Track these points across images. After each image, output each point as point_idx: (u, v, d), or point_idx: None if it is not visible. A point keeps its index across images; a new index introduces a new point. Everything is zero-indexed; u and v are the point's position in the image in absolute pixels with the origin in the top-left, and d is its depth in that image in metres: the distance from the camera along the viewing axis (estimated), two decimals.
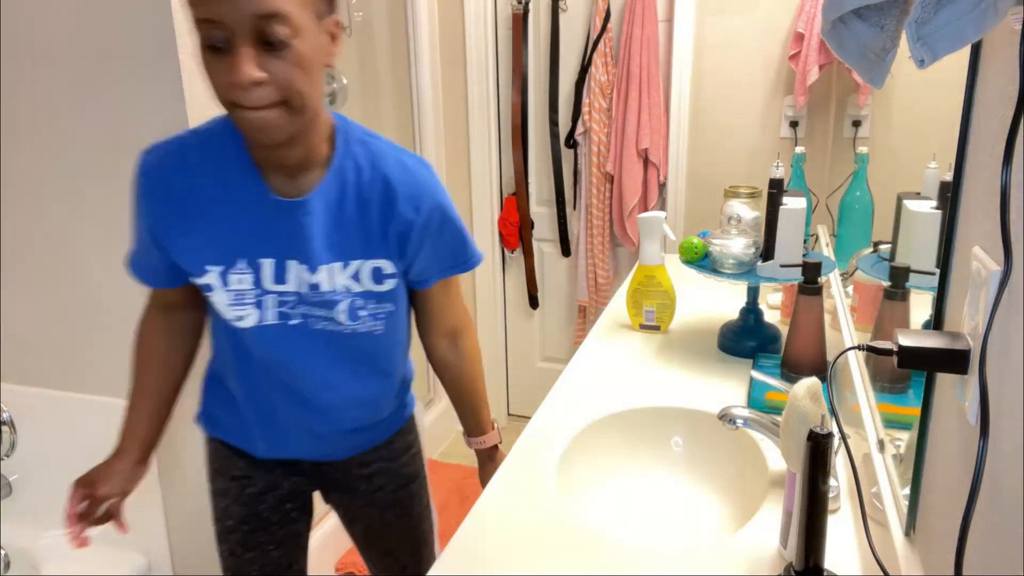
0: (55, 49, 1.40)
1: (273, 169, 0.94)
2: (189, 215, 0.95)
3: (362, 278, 1.00)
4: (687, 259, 1.48)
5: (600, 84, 2.68)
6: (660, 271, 1.58)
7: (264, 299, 0.99)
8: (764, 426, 1.02)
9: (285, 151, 0.91)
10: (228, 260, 0.97)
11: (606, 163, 2.73)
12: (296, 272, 0.97)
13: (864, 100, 1.88)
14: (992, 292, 0.53)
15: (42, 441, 1.68)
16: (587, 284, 2.86)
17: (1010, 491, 0.49)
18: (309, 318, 1.00)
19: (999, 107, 0.56)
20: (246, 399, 1.09)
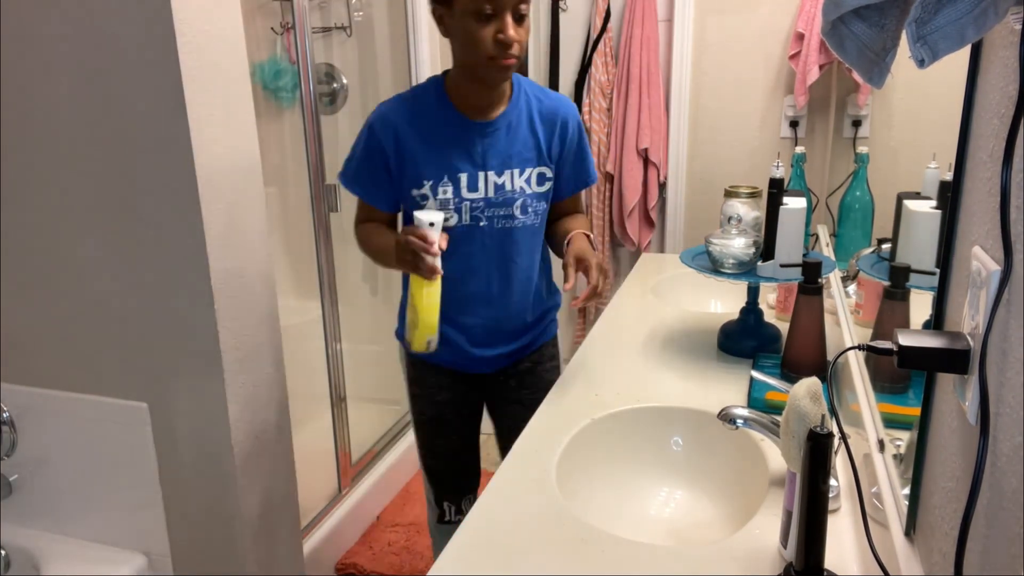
0: (55, 49, 1.40)
1: (470, 108, 1.33)
2: (411, 145, 1.33)
3: (531, 181, 1.38)
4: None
5: (600, 84, 2.68)
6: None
7: (461, 205, 1.34)
8: (764, 426, 1.02)
9: (490, 92, 1.32)
10: (438, 176, 1.33)
11: (606, 163, 2.73)
12: (484, 180, 1.34)
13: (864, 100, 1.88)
14: (992, 292, 0.53)
15: (42, 441, 1.68)
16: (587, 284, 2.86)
17: (1010, 491, 0.49)
18: (493, 218, 1.36)
19: (999, 107, 0.56)
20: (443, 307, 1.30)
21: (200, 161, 1.37)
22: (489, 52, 1.20)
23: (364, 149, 1.35)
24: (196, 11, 1.34)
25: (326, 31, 2.64)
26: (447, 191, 1.33)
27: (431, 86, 1.36)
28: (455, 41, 1.26)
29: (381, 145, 1.33)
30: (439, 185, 1.33)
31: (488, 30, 1.18)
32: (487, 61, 1.21)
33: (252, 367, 1.52)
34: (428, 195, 1.33)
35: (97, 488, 1.65)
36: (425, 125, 1.33)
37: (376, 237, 1.39)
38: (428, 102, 1.34)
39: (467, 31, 1.19)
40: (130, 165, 1.41)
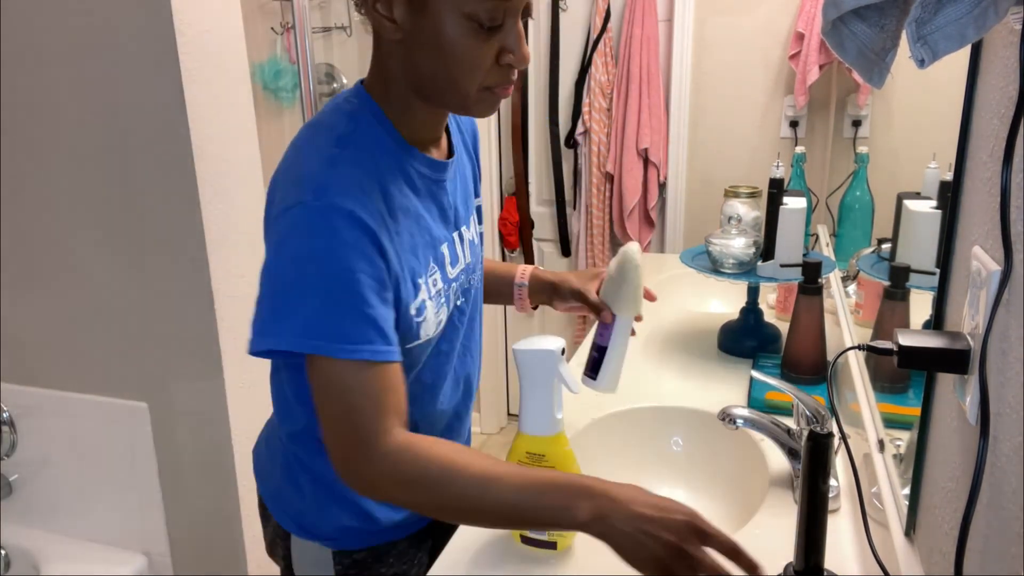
0: (55, 48, 1.40)
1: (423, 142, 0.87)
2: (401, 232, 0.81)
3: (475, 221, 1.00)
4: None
5: (600, 84, 2.68)
6: (555, 445, 0.89)
7: (449, 291, 0.90)
8: (764, 426, 1.02)
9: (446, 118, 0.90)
10: (425, 262, 0.85)
11: (606, 163, 2.73)
12: (460, 243, 0.93)
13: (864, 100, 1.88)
14: (992, 292, 0.53)
15: (42, 441, 1.68)
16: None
17: (1010, 491, 0.49)
18: (468, 289, 0.96)
19: (999, 107, 0.56)
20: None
21: (200, 161, 1.37)
22: (489, 78, 0.78)
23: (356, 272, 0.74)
24: (196, 11, 1.33)
25: (326, 31, 2.64)
26: (437, 281, 0.87)
27: (369, 118, 0.83)
28: (422, 53, 0.77)
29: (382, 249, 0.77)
30: (429, 277, 0.85)
31: (490, 46, 0.75)
32: (479, 92, 0.78)
33: (252, 367, 1.52)
34: (425, 300, 0.84)
35: (97, 488, 1.65)
36: (398, 188, 0.82)
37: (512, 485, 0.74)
38: (385, 147, 0.82)
39: (456, 43, 0.74)
40: (130, 165, 1.41)
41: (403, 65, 0.80)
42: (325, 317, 0.74)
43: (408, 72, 0.80)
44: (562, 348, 0.84)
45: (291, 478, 0.96)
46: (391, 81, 0.82)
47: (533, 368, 0.84)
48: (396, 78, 0.81)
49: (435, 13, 0.74)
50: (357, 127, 0.81)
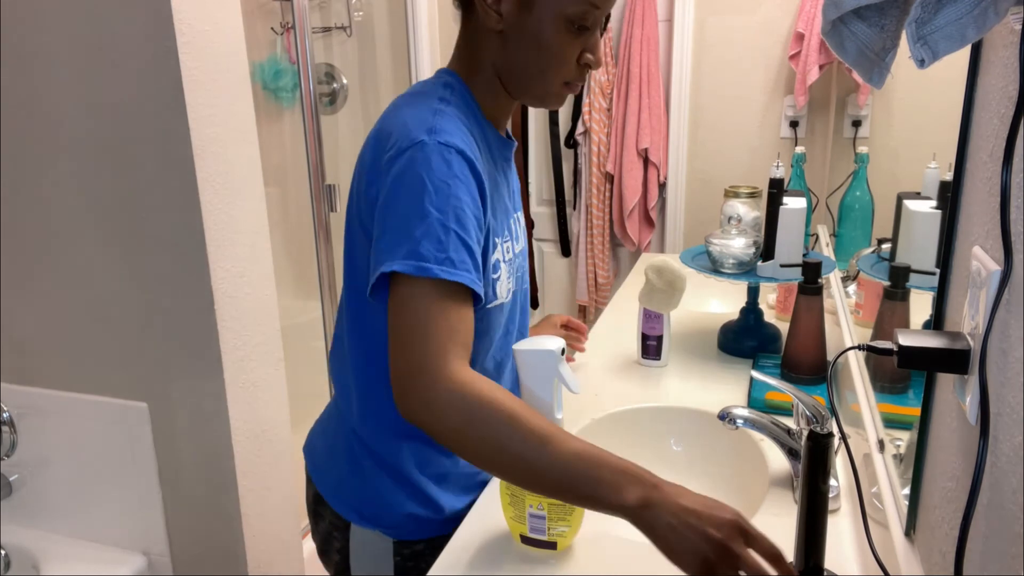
0: (55, 48, 1.40)
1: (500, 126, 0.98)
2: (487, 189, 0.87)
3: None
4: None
5: (600, 84, 2.68)
6: None
7: (513, 265, 0.97)
8: (764, 426, 1.02)
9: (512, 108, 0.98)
10: (502, 227, 0.93)
11: (606, 163, 2.73)
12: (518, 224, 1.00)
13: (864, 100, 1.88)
14: (992, 292, 0.53)
15: (42, 441, 1.68)
16: (587, 284, 2.86)
17: (1010, 491, 0.49)
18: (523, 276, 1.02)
19: (999, 107, 0.56)
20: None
21: (200, 161, 1.37)
22: (570, 74, 0.88)
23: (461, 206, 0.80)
24: (196, 11, 1.33)
25: (326, 31, 2.64)
26: (508, 247, 0.94)
27: (462, 90, 0.92)
28: (519, 45, 0.87)
29: (483, 190, 0.85)
30: (503, 242, 0.92)
31: (577, 46, 0.87)
32: (559, 87, 0.89)
33: (252, 367, 1.52)
34: (500, 261, 0.91)
35: (97, 488, 1.65)
36: (487, 155, 0.92)
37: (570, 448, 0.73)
38: (474, 114, 0.92)
39: (552, 40, 0.85)
40: (130, 165, 1.41)
41: (496, 54, 0.89)
42: (435, 240, 0.77)
43: (500, 60, 0.89)
44: (562, 348, 0.85)
45: (355, 465, 0.98)
46: (479, 67, 0.91)
47: (533, 368, 0.84)
48: (485, 65, 0.91)
49: (540, 11, 0.84)
50: (453, 92, 0.90)
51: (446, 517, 0.99)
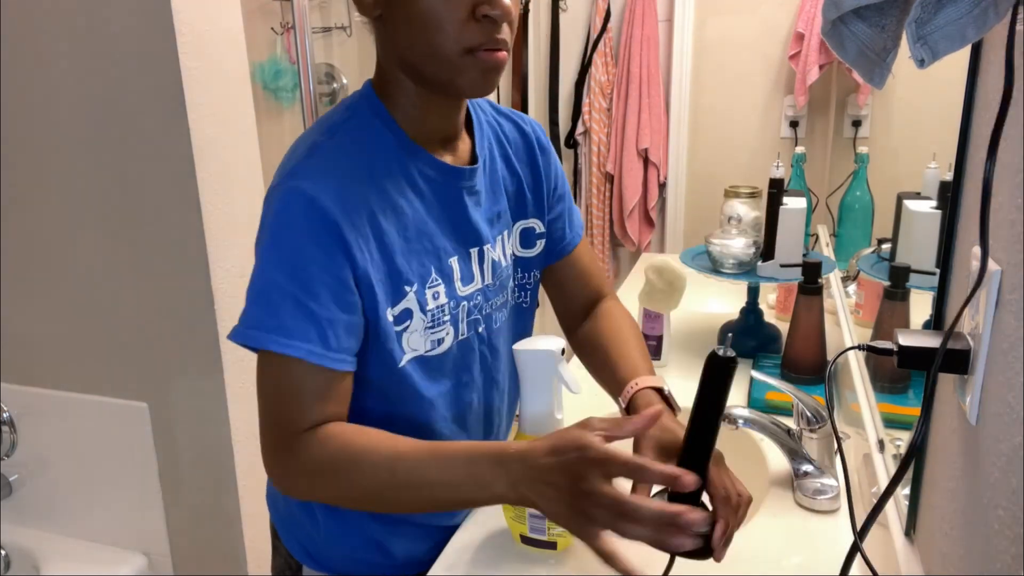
0: (55, 49, 1.40)
1: (433, 142, 0.82)
2: (386, 234, 0.76)
3: (517, 242, 0.93)
4: None
5: (600, 84, 2.68)
6: None
7: (458, 310, 0.84)
8: (764, 426, 1.02)
9: (458, 112, 0.82)
10: (423, 271, 0.80)
11: (606, 163, 2.73)
12: (479, 261, 0.86)
13: (864, 100, 1.88)
14: (992, 292, 0.53)
15: (42, 441, 1.68)
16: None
17: (1010, 491, 0.49)
18: (491, 315, 0.89)
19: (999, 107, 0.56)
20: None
21: (200, 161, 1.37)
22: (469, 36, 0.70)
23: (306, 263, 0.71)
24: (196, 11, 1.33)
25: (326, 31, 2.64)
26: (438, 294, 0.81)
27: (367, 112, 0.79)
28: (401, 20, 0.72)
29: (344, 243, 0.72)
30: (427, 288, 0.80)
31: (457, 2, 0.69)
32: (461, 57, 0.71)
33: (252, 367, 1.52)
34: (411, 310, 0.79)
35: (97, 488, 1.65)
36: (395, 186, 0.78)
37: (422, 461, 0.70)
38: (383, 142, 0.78)
39: (431, 13, 0.69)
40: (130, 165, 1.41)
41: (390, 45, 0.76)
42: (268, 305, 0.72)
43: (395, 50, 0.76)
44: (562, 348, 0.84)
45: (305, 507, 0.92)
46: (388, 71, 0.79)
47: (533, 368, 0.83)
48: (390, 65, 0.78)
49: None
50: (351, 117, 0.79)
51: (401, 563, 0.93)
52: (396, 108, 0.79)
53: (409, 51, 0.74)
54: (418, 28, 0.71)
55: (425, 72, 0.75)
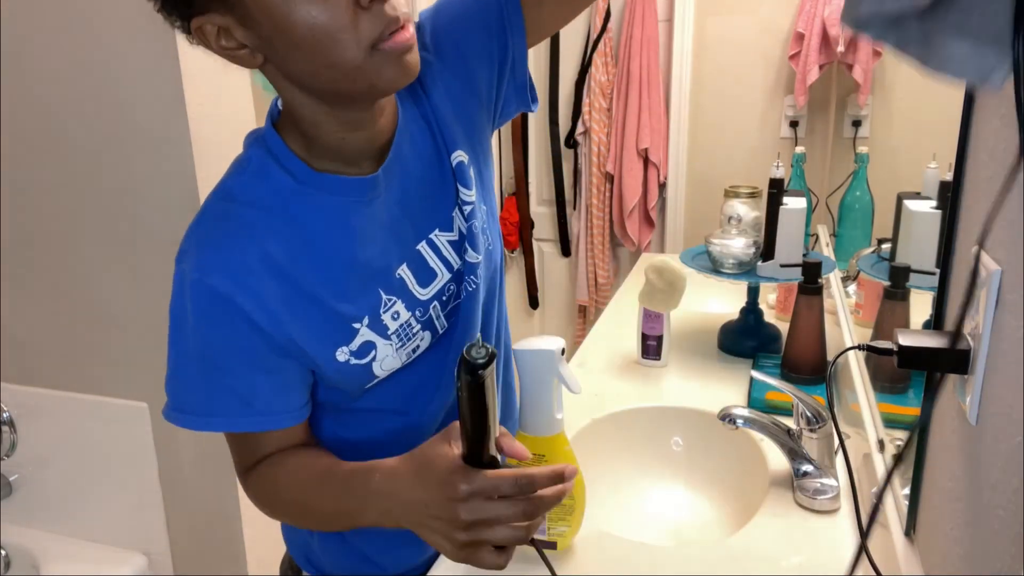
0: (56, 49, 1.40)
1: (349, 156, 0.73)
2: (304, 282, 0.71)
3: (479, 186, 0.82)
4: None
5: (600, 84, 2.68)
6: (555, 445, 0.86)
7: (428, 313, 0.79)
8: (764, 426, 1.02)
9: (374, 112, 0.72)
10: (369, 302, 0.75)
11: (606, 163, 2.73)
12: (432, 252, 0.79)
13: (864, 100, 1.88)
14: (992, 292, 0.53)
15: (42, 441, 1.68)
16: (587, 284, 2.86)
17: (1010, 491, 0.49)
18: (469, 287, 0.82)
19: (999, 107, 0.56)
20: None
21: (200, 161, 1.37)
22: (364, 35, 0.62)
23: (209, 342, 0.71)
24: None
25: None
26: (397, 313, 0.77)
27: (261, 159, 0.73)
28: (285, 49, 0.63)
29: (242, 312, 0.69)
30: (381, 314, 0.76)
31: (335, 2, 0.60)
32: (367, 57, 0.63)
33: None
34: (372, 342, 0.75)
35: (97, 488, 1.65)
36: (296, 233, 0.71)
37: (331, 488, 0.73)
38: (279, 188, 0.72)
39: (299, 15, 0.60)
40: (130, 165, 1.41)
41: (287, 80, 0.68)
42: (185, 386, 0.73)
43: (295, 83, 0.68)
44: (562, 348, 0.84)
45: None
46: (291, 105, 0.70)
47: (533, 368, 0.83)
48: (295, 99, 0.69)
49: (261, 7, 0.61)
50: (244, 171, 0.74)
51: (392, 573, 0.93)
52: (300, 140, 0.72)
53: (312, 78, 0.65)
54: (310, 51, 0.62)
55: (339, 90, 0.66)
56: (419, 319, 0.79)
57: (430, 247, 0.80)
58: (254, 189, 0.72)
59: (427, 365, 0.82)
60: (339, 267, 0.73)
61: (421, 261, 0.79)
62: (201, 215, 0.74)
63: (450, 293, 0.82)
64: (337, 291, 0.73)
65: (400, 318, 0.77)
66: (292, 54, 0.63)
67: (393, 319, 0.77)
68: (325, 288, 0.73)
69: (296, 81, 0.67)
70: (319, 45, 0.61)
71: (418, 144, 0.78)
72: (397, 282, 0.77)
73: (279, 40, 0.62)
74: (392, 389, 0.81)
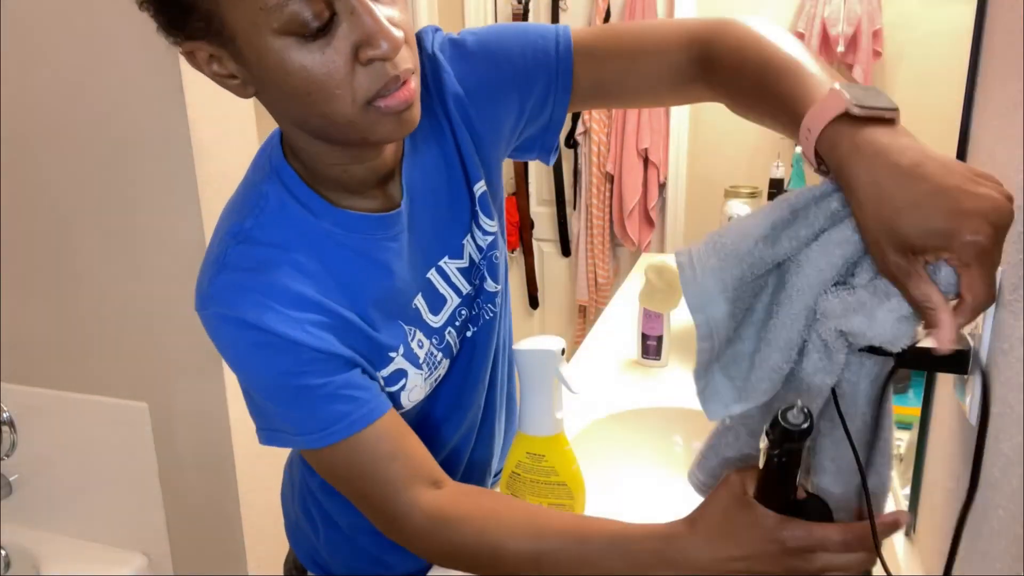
0: (56, 49, 1.40)
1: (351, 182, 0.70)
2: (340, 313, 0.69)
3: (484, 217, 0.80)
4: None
5: None
6: (555, 445, 0.87)
7: (445, 339, 0.79)
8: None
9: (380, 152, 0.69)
10: (402, 332, 0.74)
11: (606, 163, 2.73)
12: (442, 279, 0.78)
13: None
14: None
15: (42, 441, 1.68)
16: (587, 284, 2.86)
17: (1010, 491, 0.49)
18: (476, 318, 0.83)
19: (999, 107, 0.56)
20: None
21: (200, 161, 1.37)
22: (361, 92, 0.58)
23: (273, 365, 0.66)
24: None
25: None
26: (422, 342, 0.76)
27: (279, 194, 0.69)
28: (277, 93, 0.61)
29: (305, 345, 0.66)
30: (411, 343, 0.75)
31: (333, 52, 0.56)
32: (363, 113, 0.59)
33: None
34: (404, 370, 0.74)
35: (97, 488, 1.65)
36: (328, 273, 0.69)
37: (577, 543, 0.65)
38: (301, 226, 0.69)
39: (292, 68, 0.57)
40: (130, 165, 1.41)
41: (280, 116, 0.66)
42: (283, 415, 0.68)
43: (287, 120, 0.66)
44: (562, 348, 0.84)
45: (307, 514, 0.92)
46: (288, 136, 0.69)
47: (533, 368, 0.83)
48: (290, 132, 0.67)
49: (254, 49, 0.57)
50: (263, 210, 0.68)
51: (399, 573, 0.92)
52: (309, 171, 0.69)
53: (302, 120, 0.63)
54: (303, 103, 0.59)
55: (330, 138, 0.64)
56: (438, 347, 0.78)
57: (439, 274, 0.78)
58: (276, 230, 0.68)
59: (445, 389, 0.82)
60: (367, 303, 0.71)
61: (432, 289, 0.78)
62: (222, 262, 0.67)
63: (463, 318, 0.81)
64: (378, 322, 0.72)
65: (424, 347, 0.76)
66: (281, 95, 0.61)
67: (419, 347, 0.76)
68: (369, 319, 0.71)
69: (287, 119, 0.65)
70: (312, 97, 0.58)
71: (429, 171, 0.75)
72: (414, 312, 0.76)
73: (269, 82, 0.59)
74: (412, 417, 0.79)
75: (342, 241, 0.69)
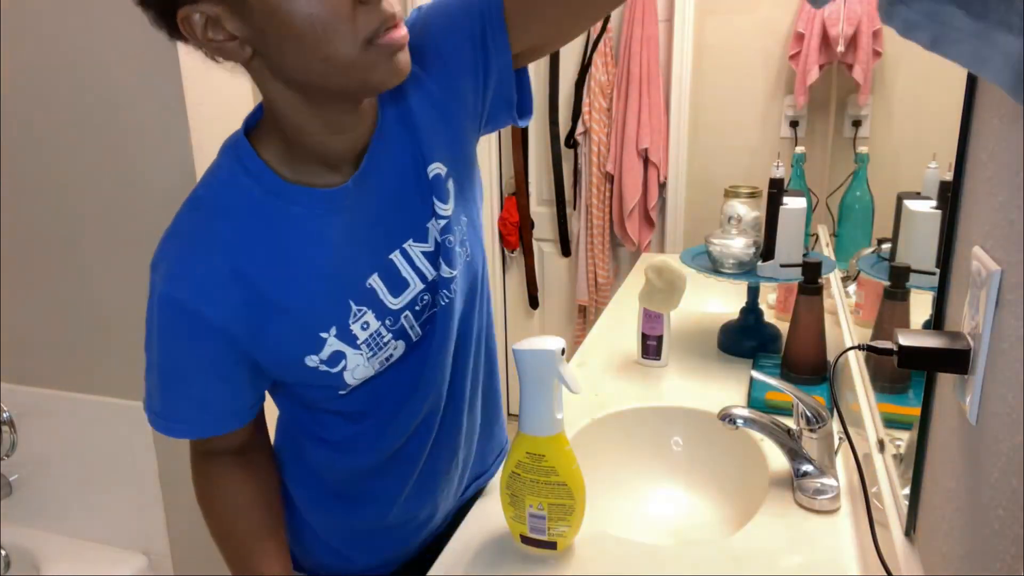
0: (56, 48, 1.40)
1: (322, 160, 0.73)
2: (271, 291, 0.72)
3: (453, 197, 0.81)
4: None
5: (600, 84, 2.68)
6: (555, 445, 0.87)
7: (399, 323, 0.80)
8: (764, 426, 1.02)
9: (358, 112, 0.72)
10: (337, 312, 0.76)
11: (606, 163, 2.73)
12: (405, 262, 0.79)
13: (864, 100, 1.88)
14: (992, 292, 0.53)
15: (42, 441, 1.68)
16: (587, 284, 2.86)
17: (1010, 491, 0.49)
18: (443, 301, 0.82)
19: (999, 107, 0.56)
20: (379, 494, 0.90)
21: (200, 161, 1.37)
22: (361, 30, 0.62)
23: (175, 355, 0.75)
24: None
25: None
26: (367, 324, 0.77)
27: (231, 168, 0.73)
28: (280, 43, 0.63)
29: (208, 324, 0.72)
30: (350, 325, 0.76)
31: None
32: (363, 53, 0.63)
33: None
34: (341, 352, 0.76)
35: (97, 488, 1.65)
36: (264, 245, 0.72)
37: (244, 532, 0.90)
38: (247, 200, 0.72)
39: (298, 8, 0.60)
40: (130, 165, 1.42)
41: (276, 77, 0.67)
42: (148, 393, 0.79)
43: (284, 79, 0.67)
44: (562, 348, 0.85)
45: (291, 508, 0.96)
46: (274, 106, 0.70)
47: (533, 368, 0.83)
48: (279, 99, 0.69)
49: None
50: (212, 182, 0.74)
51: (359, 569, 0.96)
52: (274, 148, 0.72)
53: (304, 73, 0.65)
54: (305, 44, 0.62)
55: (329, 85, 0.65)
56: (390, 328, 0.80)
57: (403, 257, 0.80)
58: (223, 198, 0.73)
59: (402, 372, 0.83)
60: (307, 277, 0.74)
61: (393, 271, 0.79)
62: (174, 225, 0.75)
63: (424, 303, 0.82)
64: (305, 301, 0.74)
65: (370, 328, 0.78)
66: (285, 46, 0.63)
67: (363, 329, 0.78)
68: (293, 298, 0.74)
69: (284, 77, 0.67)
70: (315, 37, 0.61)
71: (395, 152, 0.77)
72: (368, 292, 0.78)
73: (273, 31, 0.62)
74: (367, 394, 0.82)
75: (287, 215, 0.73)
